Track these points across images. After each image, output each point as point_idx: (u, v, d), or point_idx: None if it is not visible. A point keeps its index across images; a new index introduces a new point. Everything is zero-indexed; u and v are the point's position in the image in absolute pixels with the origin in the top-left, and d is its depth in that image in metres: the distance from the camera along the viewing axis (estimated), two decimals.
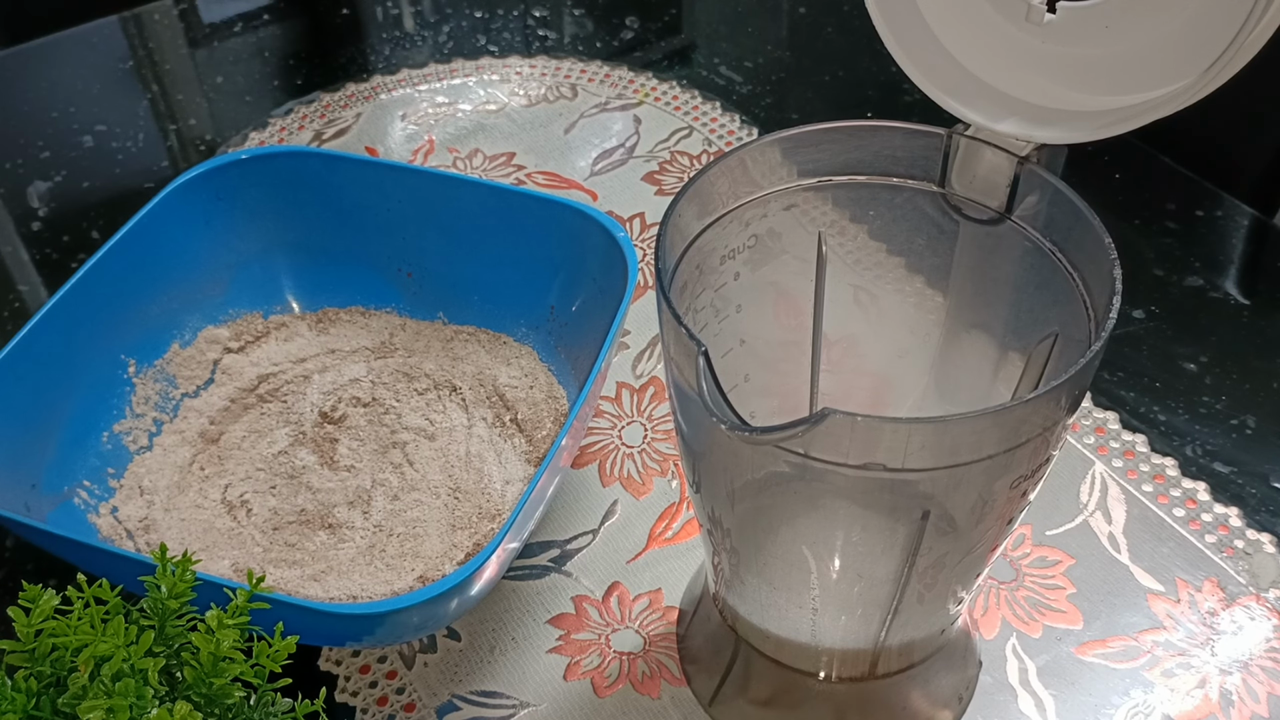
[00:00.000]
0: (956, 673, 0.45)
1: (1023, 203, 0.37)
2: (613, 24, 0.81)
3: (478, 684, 0.46)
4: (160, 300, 0.54)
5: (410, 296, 0.58)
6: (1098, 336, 0.32)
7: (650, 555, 0.50)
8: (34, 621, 0.33)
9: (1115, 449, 0.53)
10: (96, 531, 0.48)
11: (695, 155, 0.69)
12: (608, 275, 0.51)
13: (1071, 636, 0.47)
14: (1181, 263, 0.62)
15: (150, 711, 0.31)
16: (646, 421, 0.55)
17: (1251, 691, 0.45)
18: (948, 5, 0.41)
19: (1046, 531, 0.50)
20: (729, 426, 0.30)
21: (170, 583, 0.35)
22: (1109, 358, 0.57)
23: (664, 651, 0.47)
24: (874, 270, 0.42)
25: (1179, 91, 0.35)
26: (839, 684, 0.43)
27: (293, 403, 0.54)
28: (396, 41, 0.81)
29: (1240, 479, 0.52)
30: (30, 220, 0.68)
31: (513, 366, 0.55)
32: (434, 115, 0.73)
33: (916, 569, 0.35)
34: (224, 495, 0.50)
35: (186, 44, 0.82)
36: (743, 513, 0.37)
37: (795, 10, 0.84)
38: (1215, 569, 0.49)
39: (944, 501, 0.33)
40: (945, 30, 0.41)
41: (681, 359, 0.33)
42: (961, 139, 0.37)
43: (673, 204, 0.35)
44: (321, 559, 0.47)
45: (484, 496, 0.49)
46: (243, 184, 0.56)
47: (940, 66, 0.41)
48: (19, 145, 0.73)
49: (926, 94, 0.41)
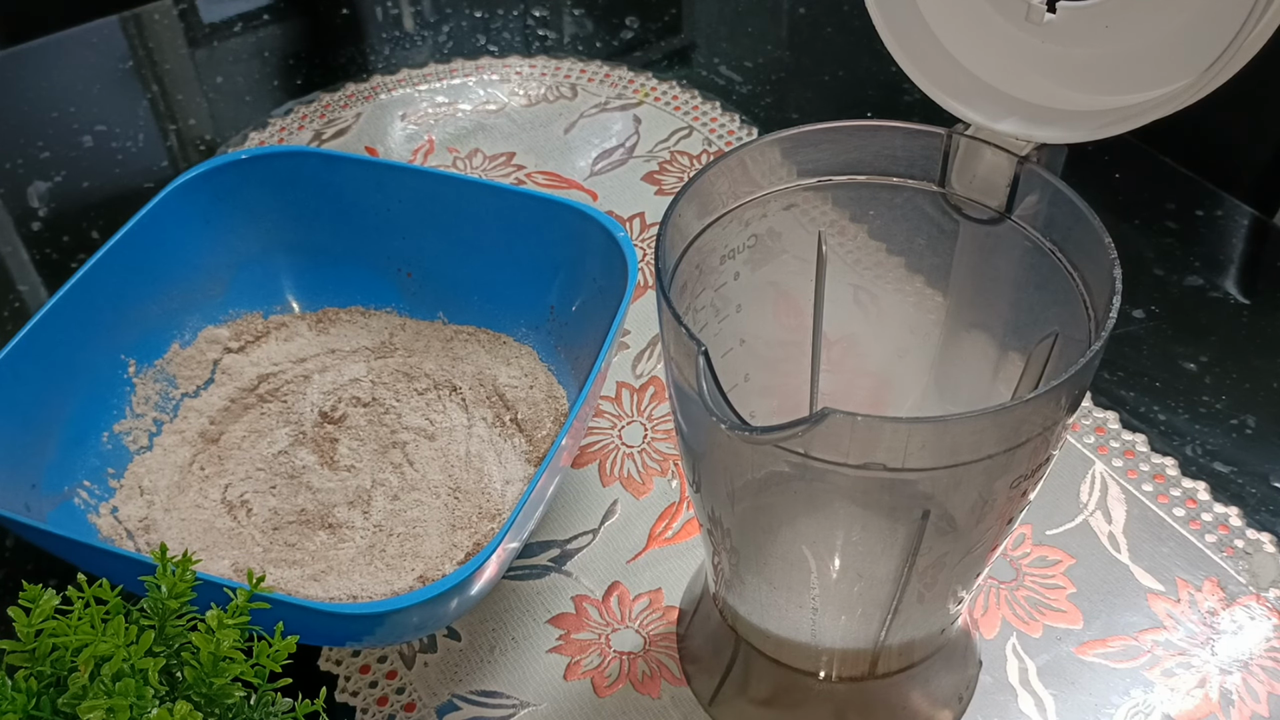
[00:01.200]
0: (956, 672, 0.45)
1: (1023, 202, 0.37)
2: (613, 24, 0.81)
3: (478, 684, 0.46)
4: (160, 300, 0.54)
5: (410, 296, 0.58)
6: (1098, 336, 0.32)
7: (650, 555, 0.50)
8: (34, 621, 0.33)
9: (1115, 449, 0.53)
10: (96, 531, 0.48)
11: (695, 155, 0.69)
12: (608, 275, 0.51)
13: (1071, 636, 0.47)
14: (1181, 263, 0.62)
15: (150, 711, 0.31)
16: (646, 421, 0.55)
17: (1251, 691, 0.45)
18: (948, 5, 0.41)
19: (1046, 531, 0.50)
20: (729, 426, 0.30)
21: (170, 583, 0.35)
22: (1109, 358, 0.57)
23: (664, 651, 0.47)
24: (874, 270, 0.42)
25: (1179, 91, 0.35)
26: (839, 684, 0.43)
27: (293, 403, 0.54)
28: (396, 41, 0.81)
29: (1240, 479, 0.52)
30: (30, 220, 0.68)
31: (513, 366, 0.55)
32: (434, 115, 0.73)
33: (916, 569, 0.35)
34: (224, 495, 0.50)
35: (186, 44, 0.82)
36: (743, 513, 0.37)
37: (795, 10, 0.84)
38: (1215, 569, 0.49)
39: (944, 501, 0.33)
40: (945, 30, 0.41)
41: (681, 359, 0.33)
42: (961, 139, 0.37)
43: (673, 204, 0.35)
44: (321, 559, 0.47)
45: (484, 496, 0.49)
46: (242, 184, 0.56)
47: (940, 66, 0.41)
48: (19, 145, 0.73)
49: (926, 94, 0.41)
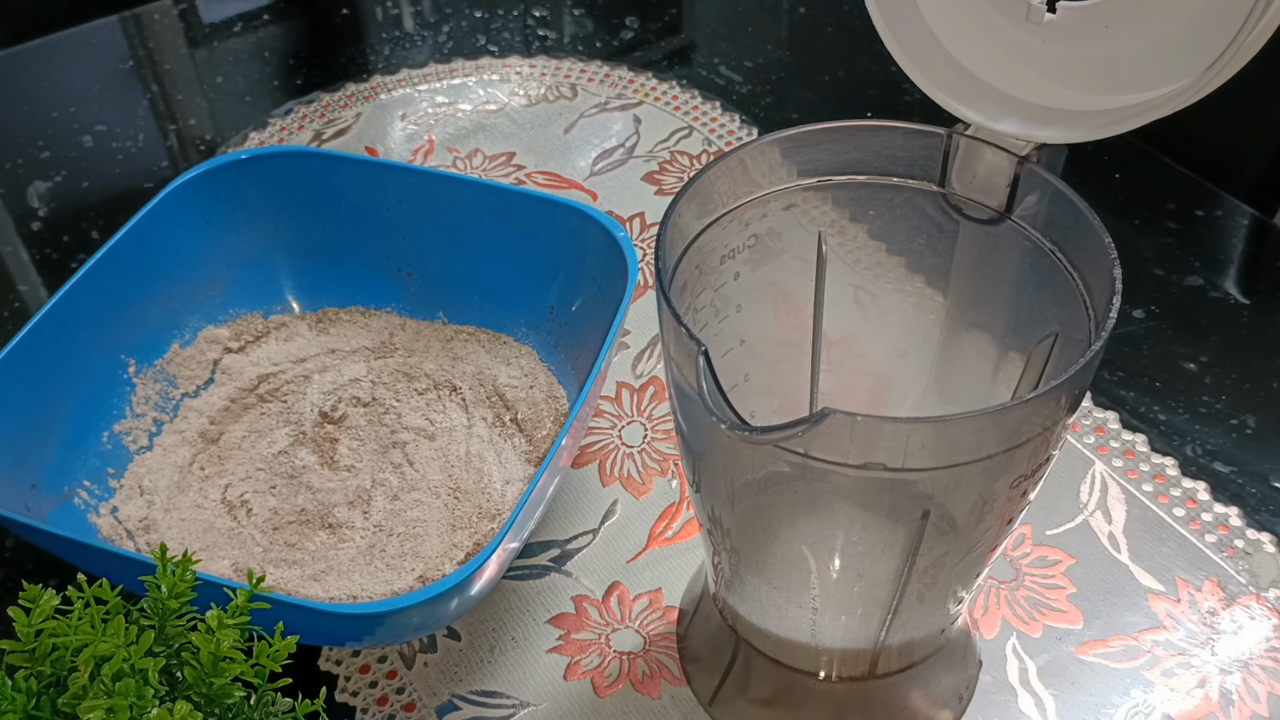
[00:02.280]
0: (956, 672, 0.45)
1: (1023, 202, 0.37)
2: (613, 24, 0.81)
3: (478, 684, 0.46)
4: (160, 300, 0.54)
5: (410, 296, 0.58)
6: (1098, 336, 0.32)
7: (650, 555, 0.50)
8: (34, 621, 0.33)
9: (1115, 449, 0.53)
10: (96, 531, 0.48)
11: (695, 155, 0.69)
12: (608, 275, 0.51)
13: (1071, 636, 0.47)
14: (1181, 263, 0.62)
15: (150, 711, 0.31)
16: (646, 421, 0.55)
17: (1251, 691, 0.45)
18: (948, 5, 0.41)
19: (1046, 531, 0.50)
20: (729, 426, 0.30)
21: (170, 583, 0.35)
22: (1109, 358, 0.57)
23: (664, 651, 0.47)
24: (874, 270, 0.42)
25: (1179, 91, 0.35)
26: (839, 684, 0.43)
27: (293, 403, 0.54)
28: (396, 41, 0.81)
29: (1240, 479, 0.52)
30: (30, 220, 0.68)
31: (513, 366, 0.55)
32: (434, 115, 0.73)
33: (916, 569, 0.35)
34: (224, 495, 0.50)
35: (186, 44, 0.82)
36: (743, 512, 0.37)
37: (795, 10, 0.84)
38: (1215, 568, 0.49)
39: (944, 501, 0.33)
40: (945, 30, 0.41)
41: (681, 359, 0.33)
42: (961, 139, 0.37)
43: (673, 204, 0.35)
44: (321, 559, 0.47)
45: (484, 496, 0.49)
46: (242, 184, 0.56)
47: (940, 66, 0.41)
48: (19, 145, 0.73)
49: (926, 94, 0.41)
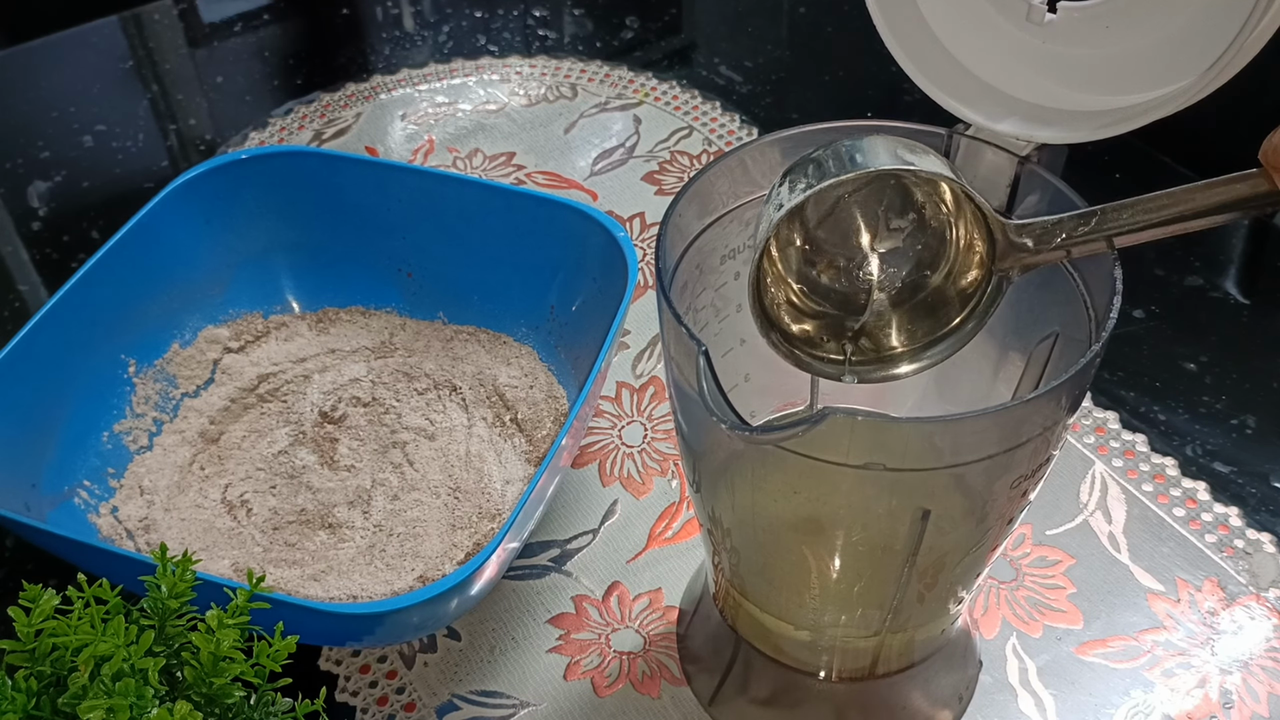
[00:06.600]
0: (956, 672, 0.45)
1: (1023, 203, 0.37)
2: (613, 24, 0.81)
3: (478, 684, 0.46)
4: (160, 300, 0.54)
5: (410, 296, 0.58)
6: (1098, 336, 0.32)
7: (650, 555, 0.50)
8: (34, 621, 0.33)
9: (1115, 449, 0.53)
10: (96, 531, 0.48)
11: (695, 155, 0.69)
12: (608, 275, 0.51)
13: (1071, 636, 0.47)
14: (1181, 263, 0.62)
15: (150, 711, 0.31)
16: (646, 421, 0.55)
17: (1251, 691, 0.45)
18: (948, 5, 0.41)
19: (1046, 531, 0.50)
20: (729, 426, 0.30)
21: (170, 583, 0.35)
22: (1109, 358, 0.57)
23: (664, 651, 0.47)
24: None
25: (1179, 91, 0.35)
26: (839, 683, 0.43)
27: (293, 402, 0.54)
28: (396, 41, 0.81)
29: (1240, 479, 0.52)
30: (30, 220, 0.68)
31: (513, 366, 0.55)
32: (434, 115, 0.73)
33: (916, 569, 0.35)
34: (224, 495, 0.50)
35: (186, 44, 0.82)
36: (743, 513, 0.37)
37: (795, 10, 0.84)
38: (1215, 568, 0.49)
39: (944, 501, 0.33)
40: (945, 30, 0.41)
41: (681, 359, 0.33)
42: (961, 139, 0.37)
43: (673, 204, 0.35)
44: (321, 559, 0.47)
45: (484, 496, 0.49)
46: (243, 184, 0.56)
47: (940, 66, 0.41)
48: (19, 145, 0.73)
49: (926, 94, 0.41)
